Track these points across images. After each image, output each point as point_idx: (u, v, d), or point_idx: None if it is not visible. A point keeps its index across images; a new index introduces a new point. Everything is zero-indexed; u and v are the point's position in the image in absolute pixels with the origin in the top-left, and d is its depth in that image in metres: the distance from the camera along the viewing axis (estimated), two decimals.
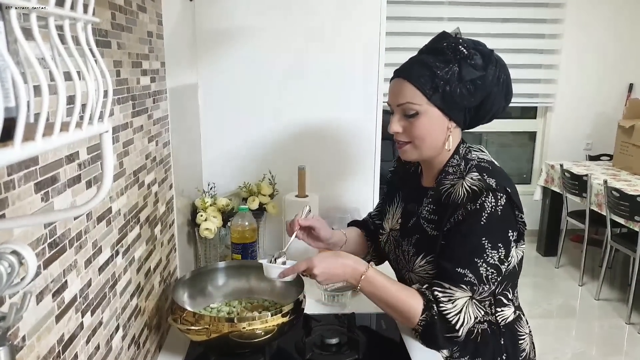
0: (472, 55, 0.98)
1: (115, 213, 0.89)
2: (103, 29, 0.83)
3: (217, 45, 1.65)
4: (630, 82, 4.31)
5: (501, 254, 0.98)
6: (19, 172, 0.57)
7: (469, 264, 0.97)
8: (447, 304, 0.97)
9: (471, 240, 0.98)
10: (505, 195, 0.97)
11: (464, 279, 0.97)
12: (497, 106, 1.04)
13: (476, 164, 1.03)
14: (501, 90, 1.02)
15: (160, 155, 1.20)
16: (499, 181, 0.98)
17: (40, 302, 0.62)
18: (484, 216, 0.96)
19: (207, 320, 1.05)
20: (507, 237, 0.99)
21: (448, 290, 0.98)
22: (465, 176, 1.02)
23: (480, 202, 0.97)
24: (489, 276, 0.98)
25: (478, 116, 1.04)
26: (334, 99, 1.71)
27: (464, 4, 4.01)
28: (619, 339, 2.94)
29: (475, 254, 0.97)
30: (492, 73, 0.99)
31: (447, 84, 0.98)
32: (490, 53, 1.01)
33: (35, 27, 0.33)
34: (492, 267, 0.97)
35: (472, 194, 0.98)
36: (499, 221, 0.97)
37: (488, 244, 0.97)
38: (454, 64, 0.98)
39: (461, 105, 1.00)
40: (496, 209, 0.96)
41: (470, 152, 1.07)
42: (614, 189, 3.06)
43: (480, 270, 0.97)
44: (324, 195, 1.73)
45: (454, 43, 1.00)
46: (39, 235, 0.61)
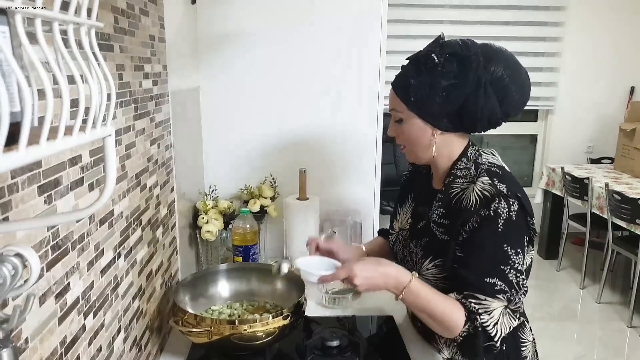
0: (444, 63, 0.98)
1: (118, 216, 0.89)
2: (105, 33, 0.84)
3: (219, 48, 1.66)
4: (632, 85, 4.31)
5: (520, 259, 0.98)
6: (22, 175, 0.57)
7: (497, 273, 0.96)
8: (484, 315, 0.96)
9: (493, 248, 0.97)
10: (517, 200, 0.97)
11: (495, 288, 0.96)
12: (489, 109, 0.99)
13: (487, 169, 1.02)
14: (486, 94, 0.98)
15: (162, 158, 1.21)
16: (510, 187, 0.98)
17: (43, 304, 0.62)
18: (500, 223, 0.96)
19: (209, 322, 1.05)
20: (523, 242, 0.99)
21: (484, 301, 0.96)
22: (476, 181, 1.01)
23: (493, 208, 0.96)
24: (520, 282, 0.97)
25: (466, 121, 1.02)
26: (335, 102, 1.72)
27: (465, 7, 4.02)
28: (621, 343, 2.93)
29: (501, 262, 0.96)
30: (469, 78, 0.97)
31: (419, 93, 1.00)
32: (470, 58, 0.97)
33: (40, 32, 0.33)
34: (519, 273, 0.97)
35: (484, 200, 0.98)
36: (515, 226, 0.97)
37: (511, 250, 0.96)
38: (426, 73, 0.99)
39: (438, 112, 1.01)
40: (510, 215, 0.96)
41: (481, 155, 1.07)
42: (615, 192, 3.05)
43: (510, 277, 0.96)
44: (324, 197, 1.73)
45: (430, 51, 1.00)
46: (41, 238, 0.62)
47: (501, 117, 1.03)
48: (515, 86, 1.00)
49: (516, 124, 4.52)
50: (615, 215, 3.11)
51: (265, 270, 1.34)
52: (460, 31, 3.90)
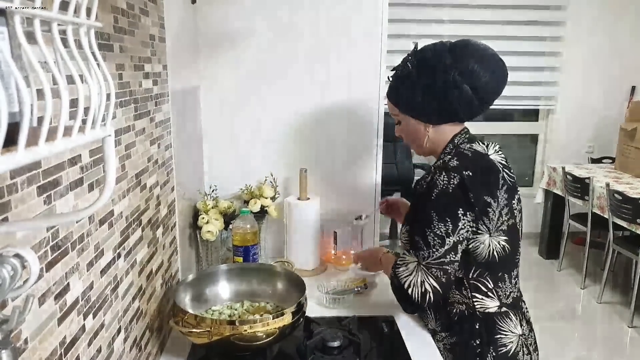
0: (417, 69, 1.15)
1: (117, 216, 0.89)
2: (105, 33, 0.83)
3: (219, 48, 1.65)
4: (633, 84, 4.31)
5: (448, 228, 1.09)
6: (22, 176, 0.57)
7: (419, 232, 1.13)
8: (400, 267, 1.15)
9: (423, 212, 1.13)
10: (459, 175, 1.09)
11: (416, 245, 1.13)
12: (465, 99, 1.13)
13: (459, 151, 1.16)
14: (456, 86, 1.12)
15: (162, 158, 1.20)
16: (460, 165, 1.10)
17: (43, 305, 0.62)
18: (435, 192, 1.11)
19: (209, 322, 1.05)
20: (455, 213, 1.09)
21: (403, 255, 1.17)
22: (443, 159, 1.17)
23: (434, 179, 1.12)
24: (434, 244, 1.11)
25: (449, 111, 1.17)
26: (336, 101, 1.71)
27: (465, 7, 4.01)
28: (621, 342, 2.93)
29: (425, 224, 1.12)
30: (439, 77, 1.12)
31: (404, 96, 1.20)
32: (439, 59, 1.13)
33: (39, 32, 0.33)
34: (437, 237, 1.10)
35: (432, 173, 1.15)
36: (448, 198, 1.10)
37: (435, 216, 1.10)
38: (405, 79, 1.18)
39: (423, 109, 1.18)
40: (447, 187, 1.09)
41: (470, 142, 1.19)
42: (616, 192, 3.05)
43: (428, 238, 1.11)
44: (325, 197, 1.73)
45: (405, 60, 1.19)
46: (41, 238, 0.62)
47: (480, 103, 1.15)
48: (486, 72, 1.12)
49: (517, 123, 4.52)
50: (616, 215, 3.11)
51: (265, 271, 1.34)
52: (461, 31, 3.90)
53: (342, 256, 1.70)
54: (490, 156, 1.17)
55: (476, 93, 1.13)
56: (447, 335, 1.20)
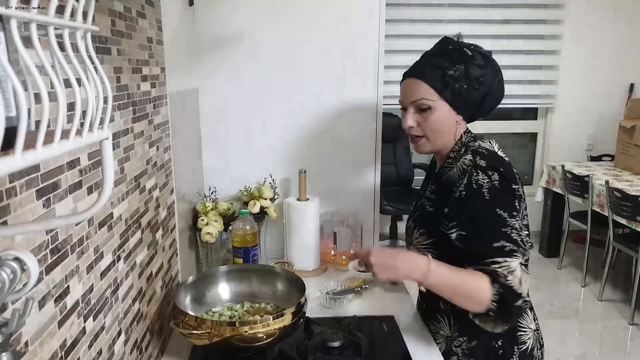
0: (475, 56, 1.11)
1: (117, 218, 0.90)
2: (103, 36, 0.84)
3: (217, 50, 1.66)
4: (631, 82, 4.31)
5: (517, 221, 1.02)
6: (21, 179, 0.57)
7: (501, 236, 1.00)
8: (509, 276, 0.98)
9: (488, 215, 1.02)
10: (496, 172, 1.04)
11: (506, 249, 0.99)
12: (495, 102, 1.17)
13: (472, 149, 1.12)
14: (499, 88, 1.15)
15: (161, 160, 1.21)
16: (490, 162, 1.06)
17: (43, 308, 0.62)
18: (485, 191, 1.03)
19: (209, 324, 1.05)
20: (514, 206, 1.04)
21: (503, 263, 0.99)
22: (460, 158, 1.12)
23: (474, 181, 1.04)
24: (523, 239, 1.02)
25: (479, 110, 1.16)
26: (334, 102, 1.71)
27: (464, 6, 4.01)
28: (622, 340, 2.93)
29: (501, 225, 1.01)
30: (490, 71, 1.12)
31: (456, 82, 1.10)
32: (489, 54, 1.14)
33: (36, 36, 0.33)
34: (520, 229, 1.02)
35: (462, 172, 1.08)
36: (501, 192, 1.03)
37: (504, 212, 1.02)
38: (461, 64, 1.10)
39: (468, 100, 1.12)
40: (493, 184, 1.03)
41: (475, 140, 1.16)
42: (616, 190, 3.05)
43: (514, 236, 1.00)
44: (324, 198, 1.73)
45: (458, 46, 1.13)
46: (40, 242, 0.62)
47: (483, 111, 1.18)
48: (502, 85, 1.17)
49: (516, 122, 4.52)
50: (616, 213, 3.11)
51: (265, 272, 1.34)
52: (459, 30, 3.90)
53: (342, 256, 1.70)
54: (499, 154, 1.16)
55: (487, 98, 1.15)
56: (466, 340, 1.15)
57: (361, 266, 1.16)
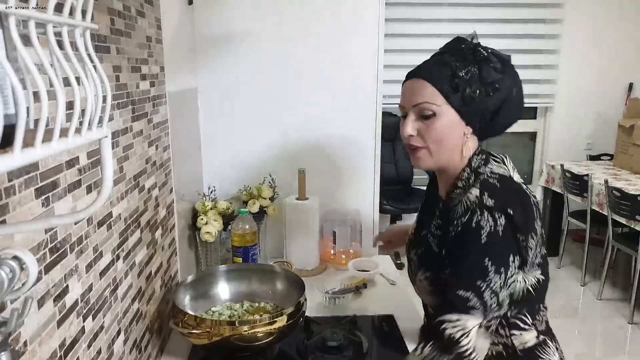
0: (491, 58, 0.95)
1: (116, 217, 0.89)
2: (102, 35, 0.83)
3: (217, 49, 1.65)
4: (630, 81, 4.31)
5: (502, 281, 0.88)
6: (20, 178, 0.57)
7: (472, 287, 0.87)
8: (462, 339, 0.86)
9: (473, 261, 0.89)
10: (504, 215, 0.88)
11: (468, 303, 0.87)
12: (511, 116, 0.98)
13: (483, 180, 0.94)
14: (517, 99, 0.97)
15: (161, 160, 1.20)
16: (500, 202, 0.89)
17: (42, 307, 0.62)
18: (483, 235, 0.88)
19: (209, 323, 1.05)
20: (508, 262, 0.88)
21: (457, 322, 0.87)
22: (467, 192, 0.94)
23: (476, 221, 0.89)
24: (492, 305, 0.88)
25: (493, 124, 0.98)
26: (334, 101, 1.71)
27: (463, 5, 4.01)
28: (622, 339, 2.93)
29: (478, 275, 0.87)
30: (509, 78, 0.96)
31: (468, 85, 0.93)
32: (508, 58, 0.97)
33: (34, 34, 0.33)
34: (494, 295, 0.88)
35: (464, 211, 0.91)
36: (500, 242, 0.88)
37: (491, 266, 0.87)
38: (474, 65, 0.94)
39: (479, 108, 0.95)
40: (496, 229, 0.87)
41: (486, 164, 0.99)
42: (615, 189, 3.05)
43: (485, 296, 0.87)
44: (324, 197, 1.73)
45: (472, 45, 0.96)
46: (39, 241, 0.62)
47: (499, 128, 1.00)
48: (520, 96, 0.99)
49: None
50: (615, 212, 3.11)
51: (265, 271, 1.34)
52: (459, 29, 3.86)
53: (342, 256, 1.70)
54: (515, 179, 0.98)
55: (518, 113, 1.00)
56: None
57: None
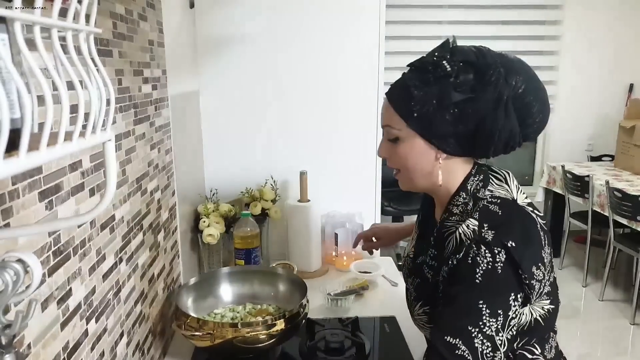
0: (457, 73, 0.81)
1: (119, 220, 0.90)
2: (104, 38, 0.84)
3: (218, 52, 1.66)
4: (631, 82, 4.31)
5: (499, 324, 0.78)
6: (23, 181, 0.57)
7: (461, 333, 0.77)
8: None
9: (465, 302, 0.79)
10: (504, 250, 0.78)
11: (455, 351, 0.77)
12: (508, 132, 0.82)
13: (482, 207, 0.84)
14: (506, 113, 0.81)
15: (163, 162, 1.21)
16: (500, 235, 0.79)
17: (45, 310, 0.62)
18: (479, 273, 0.78)
19: (211, 325, 1.05)
20: (507, 302, 0.79)
21: None
22: (465, 220, 0.84)
23: (472, 256, 0.79)
24: (484, 351, 0.77)
25: (480, 144, 0.84)
26: (335, 104, 1.72)
27: (463, 7, 4.02)
28: (624, 340, 2.93)
29: (469, 320, 0.78)
30: (488, 93, 0.80)
31: (424, 107, 0.83)
32: (489, 68, 0.80)
33: (39, 39, 0.33)
34: (487, 340, 0.77)
35: (459, 245, 0.82)
36: (498, 281, 0.78)
37: (486, 309, 0.77)
38: (434, 84, 0.82)
39: (446, 132, 0.83)
40: (494, 266, 0.78)
41: (486, 186, 0.88)
42: (616, 190, 3.05)
43: (475, 343, 0.77)
44: (326, 199, 1.73)
45: (439, 57, 0.83)
46: (43, 244, 0.62)
47: (519, 141, 0.85)
48: (538, 104, 0.83)
49: None
50: (616, 213, 3.11)
51: (267, 273, 1.34)
52: (459, 31, 3.90)
53: (344, 257, 1.70)
54: (519, 201, 0.86)
55: (522, 127, 0.83)
56: None
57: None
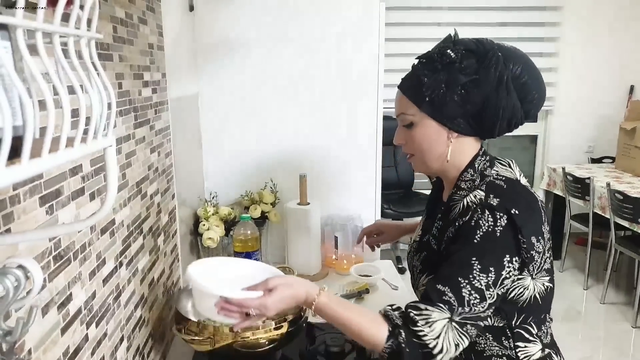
0: (461, 59, 0.91)
1: (119, 224, 0.89)
2: (105, 42, 0.84)
3: (218, 55, 1.66)
4: (631, 83, 4.31)
5: (490, 279, 0.87)
6: (24, 187, 0.57)
7: (450, 282, 0.87)
8: (424, 326, 0.85)
9: (460, 257, 0.89)
10: (506, 215, 0.87)
11: (442, 297, 0.86)
12: (510, 109, 0.92)
13: (489, 181, 0.94)
14: (508, 92, 0.91)
15: (163, 166, 1.21)
16: (505, 201, 0.89)
17: (46, 315, 0.62)
18: (478, 234, 0.88)
19: (211, 330, 1.05)
20: (501, 262, 0.88)
21: (424, 311, 0.86)
22: (472, 193, 0.94)
23: (475, 219, 0.89)
24: (471, 301, 0.86)
25: (487, 122, 0.94)
26: (335, 106, 1.72)
27: (462, 9, 4.02)
28: (626, 343, 2.92)
29: (460, 272, 0.87)
30: (490, 74, 0.90)
31: (434, 92, 0.93)
32: (488, 53, 0.91)
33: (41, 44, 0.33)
34: (476, 292, 0.86)
35: (465, 210, 0.92)
36: (495, 242, 0.87)
37: (478, 264, 0.87)
38: (441, 70, 0.92)
39: (455, 113, 0.93)
40: (494, 229, 0.87)
41: (492, 166, 0.98)
42: (617, 192, 3.05)
43: (463, 292, 0.86)
44: (325, 202, 1.73)
45: (444, 48, 0.94)
46: (44, 248, 0.62)
47: (521, 118, 0.95)
48: (535, 84, 0.94)
49: None
50: (617, 215, 3.11)
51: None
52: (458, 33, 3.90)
53: (344, 261, 1.70)
54: (522, 182, 0.97)
55: (523, 104, 0.94)
56: None
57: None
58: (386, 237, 1.41)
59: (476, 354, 0.98)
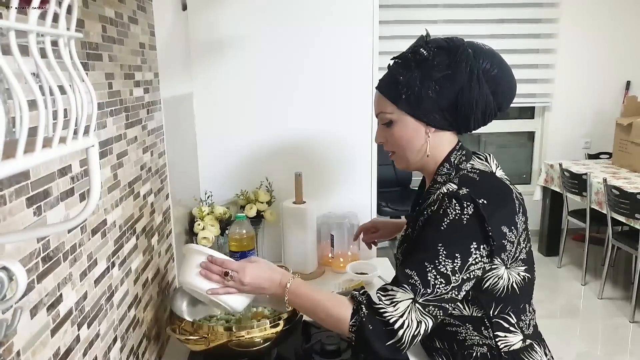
0: (433, 56, 0.96)
1: (111, 225, 0.89)
2: (94, 42, 0.83)
3: (211, 54, 1.66)
4: (627, 79, 4.31)
5: (456, 265, 0.91)
6: (10, 188, 0.57)
7: (417, 266, 0.92)
8: (388, 306, 0.91)
9: (426, 243, 0.93)
10: (473, 204, 0.91)
11: (409, 280, 0.91)
12: (483, 101, 0.96)
13: (463, 174, 0.99)
14: (479, 85, 0.95)
15: (156, 166, 1.20)
16: (472, 192, 0.93)
17: (35, 317, 0.62)
18: (445, 222, 0.92)
19: (206, 329, 1.05)
20: (467, 249, 0.91)
21: (390, 292, 0.92)
22: (445, 185, 0.98)
23: (443, 207, 0.93)
24: (436, 285, 0.91)
25: (462, 115, 0.98)
26: (329, 104, 1.71)
27: (458, 7, 4.02)
28: (624, 338, 2.93)
29: (426, 257, 0.92)
30: (462, 68, 0.95)
31: (410, 89, 0.97)
32: (458, 49, 0.96)
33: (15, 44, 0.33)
34: (441, 276, 0.91)
35: (435, 200, 0.96)
36: (461, 230, 0.91)
37: (443, 251, 0.91)
38: (415, 68, 0.97)
39: (431, 108, 0.98)
40: (460, 217, 0.91)
41: (467, 161, 1.02)
42: (614, 187, 3.05)
43: (428, 276, 0.91)
44: (321, 200, 1.73)
45: (417, 47, 0.99)
46: (31, 250, 0.61)
47: (494, 110, 0.99)
48: (505, 77, 0.99)
49: (513, 121, 4.52)
50: (614, 211, 3.11)
51: None
52: (454, 30, 3.90)
53: (340, 259, 1.70)
54: (497, 174, 1.01)
55: (495, 97, 0.98)
56: None
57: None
58: (382, 234, 1.45)
59: (458, 343, 1.02)
